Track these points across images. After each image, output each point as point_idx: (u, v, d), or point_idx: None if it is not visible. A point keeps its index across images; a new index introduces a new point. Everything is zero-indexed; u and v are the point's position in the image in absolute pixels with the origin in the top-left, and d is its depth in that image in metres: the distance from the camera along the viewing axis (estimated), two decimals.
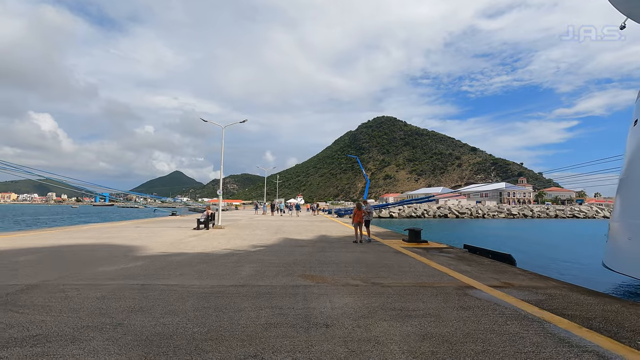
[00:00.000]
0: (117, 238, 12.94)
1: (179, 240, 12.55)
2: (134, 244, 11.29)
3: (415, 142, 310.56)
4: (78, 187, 37.40)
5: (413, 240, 12.43)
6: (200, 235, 14.56)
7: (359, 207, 13.28)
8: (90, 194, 49.50)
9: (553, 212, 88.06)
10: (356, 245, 11.90)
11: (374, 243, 12.52)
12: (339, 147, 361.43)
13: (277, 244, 11.94)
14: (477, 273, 7.22)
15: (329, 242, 12.74)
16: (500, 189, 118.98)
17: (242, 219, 28.55)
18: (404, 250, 10.61)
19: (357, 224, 13.06)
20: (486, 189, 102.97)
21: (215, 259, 8.41)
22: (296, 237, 14.40)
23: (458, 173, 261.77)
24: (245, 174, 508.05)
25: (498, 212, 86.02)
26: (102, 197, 63.64)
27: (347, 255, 9.44)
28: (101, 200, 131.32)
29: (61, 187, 28.65)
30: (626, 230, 12.59)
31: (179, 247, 10.50)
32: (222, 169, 18.82)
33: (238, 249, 10.29)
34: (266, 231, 17.07)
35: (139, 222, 23.97)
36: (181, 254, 9.26)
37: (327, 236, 14.86)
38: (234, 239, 13.30)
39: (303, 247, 10.94)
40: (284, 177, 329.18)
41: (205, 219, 17.51)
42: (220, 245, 11.27)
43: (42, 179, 23.29)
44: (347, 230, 18.42)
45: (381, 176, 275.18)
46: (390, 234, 16.17)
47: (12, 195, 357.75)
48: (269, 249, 10.43)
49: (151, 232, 15.49)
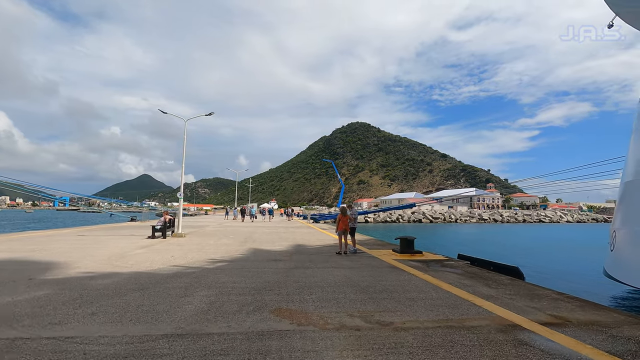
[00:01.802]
0: (42, 251, 10.33)
1: (123, 253, 10.14)
2: (59, 259, 8.81)
3: (389, 148, 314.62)
4: (34, 191, 33.40)
5: (406, 251, 10.69)
6: (153, 245, 12.15)
7: (344, 212, 11.31)
8: (50, 197, 44.98)
9: (521, 217, 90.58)
10: (341, 258, 9.99)
11: (360, 254, 10.67)
12: (313, 152, 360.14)
13: (245, 257, 9.82)
14: (507, 299, 5.50)
15: (308, 253, 10.76)
16: (472, 194, 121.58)
17: (209, 225, 25.97)
18: (400, 264, 8.82)
19: (342, 232, 11.08)
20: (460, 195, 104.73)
21: (158, 283, 6.21)
22: (269, 247, 12.31)
23: (429, 179, 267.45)
24: (217, 178, 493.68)
25: (470, 217, 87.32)
26: (62, 201, 58.87)
27: (333, 273, 7.50)
28: (61, 204, 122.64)
29: (16, 191, 25.18)
30: (632, 238, 11.51)
31: (116, 264, 8.16)
32: (184, 168, 16.43)
33: (194, 265, 8.10)
34: (234, 240, 14.83)
35: (88, 229, 20.93)
36: (114, 274, 6.97)
37: (305, 246, 12.87)
38: (193, 250, 11.02)
39: (277, 262, 8.90)
40: (257, 182, 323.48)
41: (162, 226, 15.04)
42: (172, 259, 9.01)
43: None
44: (326, 238, 16.50)
45: (355, 181, 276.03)
46: (374, 243, 14.41)
47: None
48: (233, 266, 8.30)
49: (93, 243, 12.87)
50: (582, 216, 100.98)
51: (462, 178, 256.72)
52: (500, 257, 15.68)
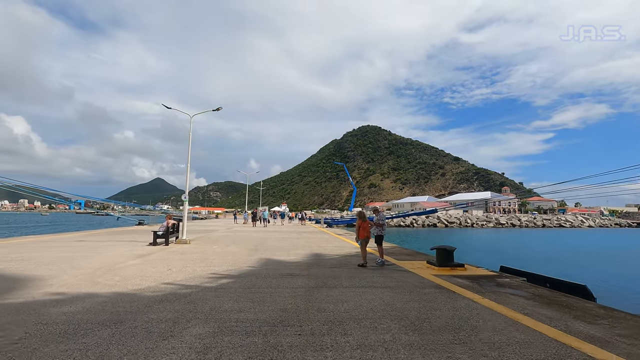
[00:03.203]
0: (22, 262, 8.98)
1: (113, 264, 8.70)
2: (35, 273, 7.41)
3: (400, 152, 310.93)
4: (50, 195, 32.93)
5: (445, 264, 8.99)
6: (151, 255, 10.71)
7: (363, 216, 9.64)
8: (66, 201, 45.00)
9: (540, 221, 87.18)
10: (366, 271, 8.36)
11: (390, 267, 9.02)
12: (324, 156, 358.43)
13: (255, 270, 8.27)
14: (624, 344, 3.82)
15: (329, 266, 9.15)
16: (488, 198, 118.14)
17: (218, 230, 24.59)
18: (445, 282, 7.15)
19: (365, 240, 9.42)
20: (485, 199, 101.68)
21: (139, 312, 4.70)
22: (282, 257, 10.75)
23: (442, 182, 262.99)
24: (228, 181, 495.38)
25: (487, 221, 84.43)
26: (78, 204, 59.75)
27: (366, 296, 5.89)
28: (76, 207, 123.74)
29: (34, 194, 24.76)
30: None
31: (98, 281, 6.71)
32: (189, 168, 15.04)
33: (192, 283, 6.59)
34: (243, 247, 13.32)
35: (91, 233, 19.76)
36: (89, 297, 5.49)
37: (324, 256, 11.27)
38: (195, 261, 9.54)
39: (294, 278, 7.32)
40: (268, 185, 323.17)
41: (164, 232, 13.65)
42: (168, 274, 7.52)
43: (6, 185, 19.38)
44: (345, 245, 14.88)
45: (366, 185, 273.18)
46: (401, 252, 12.71)
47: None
48: (240, 283, 6.76)
49: (87, 250, 11.52)
50: (605, 221, 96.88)
51: (475, 181, 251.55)
52: (543, 268, 13.86)
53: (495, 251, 27.86)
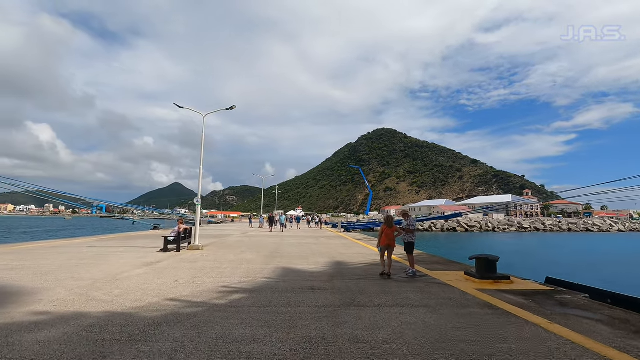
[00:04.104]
0: (21, 270, 8.30)
1: (116, 274, 7.93)
2: (28, 284, 6.68)
3: (416, 154, 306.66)
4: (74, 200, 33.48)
5: (487, 276, 7.83)
6: (159, 262, 9.93)
7: (389, 222, 8.62)
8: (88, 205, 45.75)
9: (566, 225, 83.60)
10: (398, 284, 7.31)
11: (423, 279, 7.94)
12: (338, 159, 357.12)
13: (271, 282, 7.34)
14: None
15: (354, 276, 8.13)
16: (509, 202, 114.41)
17: (232, 235, 23.87)
18: (493, 299, 6.03)
19: (385, 248, 8.47)
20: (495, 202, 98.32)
21: (130, 342, 3.80)
22: (301, 265, 9.80)
23: (459, 185, 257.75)
24: (244, 185, 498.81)
25: (509, 225, 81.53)
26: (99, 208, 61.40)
27: (403, 318, 4.86)
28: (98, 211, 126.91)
29: (56, 199, 25.12)
30: None
31: (94, 295, 5.90)
32: (202, 170, 14.31)
33: (198, 299, 5.70)
34: (258, 254, 12.44)
35: (103, 238, 19.33)
36: (76, 317, 4.66)
37: (346, 265, 10.25)
38: (206, 270, 8.68)
39: (315, 293, 6.35)
40: (283, 189, 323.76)
41: (175, 237, 12.92)
42: (174, 287, 6.67)
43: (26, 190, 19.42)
44: (367, 252, 13.82)
45: (382, 188, 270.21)
46: (430, 260, 11.56)
47: (9, 206, 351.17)
48: (255, 300, 5.83)
49: (93, 258, 10.86)
50: (635, 224, 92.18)
51: (494, 184, 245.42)
52: (586, 278, 12.47)
53: (527, 257, 26.12)
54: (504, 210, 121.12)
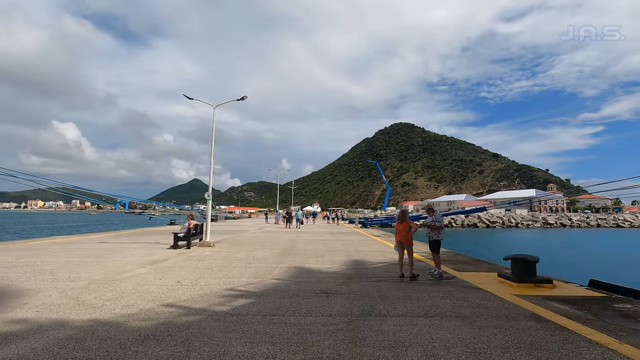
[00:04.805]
0: (22, 267, 7.89)
1: (116, 273, 7.40)
2: (22, 285, 6.20)
3: (434, 149, 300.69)
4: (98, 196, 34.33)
5: (526, 279, 6.89)
6: (166, 260, 9.41)
7: (402, 217, 7.84)
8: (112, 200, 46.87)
9: (594, 221, 79.82)
10: (424, 288, 6.47)
11: (452, 282, 7.07)
12: (355, 155, 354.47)
13: (281, 285, 6.64)
14: None
15: (373, 278, 7.33)
16: (531, 196, 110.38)
17: (247, 231, 23.43)
18: (540, 309, 5.12)
19: (399, 246, 7.79)
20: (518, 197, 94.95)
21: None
22: (315, 265, 9.07)
23: (479, 180, 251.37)
24: (262, 181, 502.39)
25: (533, 221, 78.48)
26: (122, 204, 63.48)
27: (435, 331, 4.05)
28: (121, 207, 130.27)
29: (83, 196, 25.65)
30: None
31: (84, 298, 5.33)
32: (213, 161, 13.74)
33: (197, 305, 5.05)
34: (271, 251, 11.80)
35: (117, 234, 19.18)
36: (56, 326, 4.06)
37: (365, 264, 9.45)
38: (213, 270, 8.07)
39: (330, 298, 5.60)
40: (299, 184, 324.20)
41: (185, 233, 12.42)
42: (175, 288, 6.05)
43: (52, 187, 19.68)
44: (384, 249, 12.98)
45: (399, 183, 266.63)
46: (455, 259, 10.62)
47: (39, 202, 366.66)
48: (261, 306, 5.12)
49: (100, 255, 10.45)
50: None
51: (516, 179, 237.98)
52: (634, 280, 11.27)
53: (557, 256, 24.56)
54: (527, 205, 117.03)
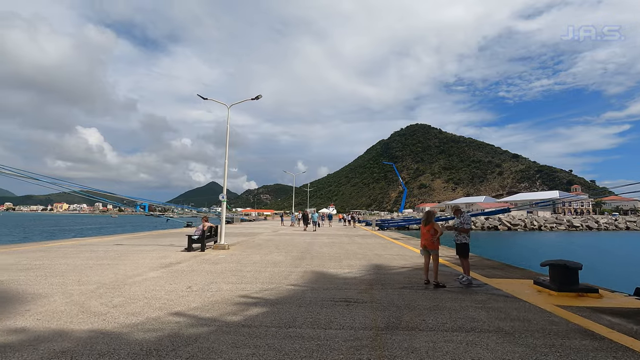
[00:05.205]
0: (35, 270, 7.73)
1: (127, 277, 7.13)
2: (29, 289, 5.97)
3: (451, 150, 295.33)
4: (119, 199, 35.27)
5: (566, 288, 6.22)
6: (178, 264, 9.12)
7: (425, 219, 7.24)
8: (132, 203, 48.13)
9: (623, 224, 76.28)
10: (453, 296, 5.90)
11: (480, 289, 6.47)
12: (371, 157, 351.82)
13: (298, 291, 6.19)
14: None
15: (396, 285, 6.80)
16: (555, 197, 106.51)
17: (262, 233, 23.15)
18: (592, 323, 4.50)
19: (424, 250, 7.23)
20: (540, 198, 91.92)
21: None
22: (333, 269, 8.59)
23: (499, 181, 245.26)
24: (277, 184, 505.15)
25: (557, 223, 75.58)
26: (142, 207, 65.35)
27: (474, 350, 3.52)
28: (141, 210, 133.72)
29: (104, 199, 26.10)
30: None
31: (89, 305, 5.02)
32: (227, 159, 13.51)
33: (206, 315, 4.66)
34: (287, 255, 11.39)
35: (133, 236, 19.20)
36: (53, 337, 3.73)
37: (385, 268, 8.91)
38: (225, 274, 7.71)
39: (351, 308, 5.11)
40: (315, 187, 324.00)
41: (200, 236, 12.17)
42: (184, 296, 5.69)
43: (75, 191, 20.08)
44: (405, 252, 12.37)
45: (416, 185, 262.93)
46: (483, 263, 9.94)
47: (64, 205, 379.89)
48: (274, 316, 4.69)
49: (114, 257, 10.28)
50: None
51: (537, 180, 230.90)
52: None
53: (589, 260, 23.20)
54: (550, 207, 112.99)
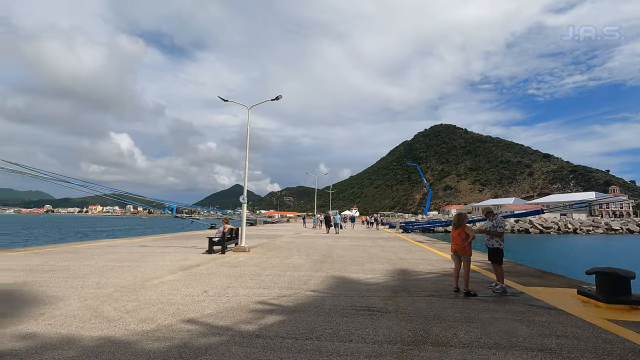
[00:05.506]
0: (57, 272, 7.80)
1: (145, 280, 7.04)
2: (49, 291, 5.95)
3: (478, 150, 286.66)
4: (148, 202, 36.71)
5: (616, 299, 5.55)
6: (198, 266, 9.00)
7: (456, 222, 6.67)
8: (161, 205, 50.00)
9: None
10: (481, 305, 5.39)
11: (516, 298, 5.90)
12: (394, 158, 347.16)
13: (316, 298, 5.86)
14: None
15: (424, 292, 6.33)
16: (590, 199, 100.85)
17: (284, 235, 23.01)
18: None
19: (454, 255, 6.68)
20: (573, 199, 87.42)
21: None
22: (356, 274, 8.20)
23: (529, 183, 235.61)
24: (300, 186, 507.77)
25: (594, 226, 71.52)
26: (170, 209, 67.81)
27: None
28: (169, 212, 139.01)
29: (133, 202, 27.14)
30: None
31: (103, 310, 4.89)
32: (247, 161, 13.40)
33: (219, 323, 4.40)
34: (307, 258, 11.10)
35: (158, 237, 19.52)
36: (61, 345, 3.57)
37: (409, 273, 8.43)
38: (244, 278, 7.49)
39: (374, 318, 4.73)
40: (337, 189, 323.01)
41: (220, 238, 12.08)
42: (200, 301, 5.48)
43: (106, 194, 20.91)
44: (431, 257, 11.78)
45: (441, 187, 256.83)
46: (514, 268, 9.25)
47: (98, 207, 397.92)
48: (291, 325, 4.38)
49: (136, 259, 10.33)
50: None
51: (571, 181, 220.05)
52: None
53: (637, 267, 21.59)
54: (586, 209, 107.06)
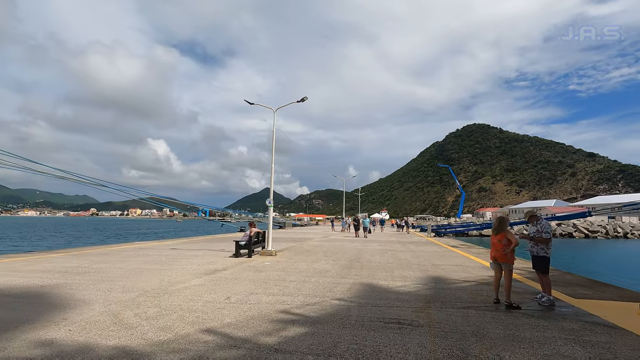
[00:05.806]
0: (86, 275, 7.95)
1: (169, 284, 6.98)
2: (76, 294, 6.00)
3: (514, 150, 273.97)
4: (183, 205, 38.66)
5: None
6: (223, 271, 8.90)
7: (497, 227, 5.99)
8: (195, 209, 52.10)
9: None
10: (525, 320, 4.80)
11: (567, 312, 5.24)
12: (425, 159, 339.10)
13: (342, 308, 5.50)
14: None
15: (457, 302, 5.80)
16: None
17: (312, 239, 22.77)
18: None
19: (494, 263, 5.97)
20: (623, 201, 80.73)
21: None
22: (385, 281, 7.76)
23: (572, 183, 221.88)
24: (329, 189, 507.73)
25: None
26: (204, 212, 70.59)
27: None
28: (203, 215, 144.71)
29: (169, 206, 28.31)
30: None
31: (124, 316, 4.80)
32: (274, 161, 13.26)
33: (238, 334, 4.15)
34: (334, 263, 10.75)
35: (189, 240, 19.90)
36: (77, 353, 3.47)
37: (443, 281, 7.87)
38: (268, 283, 7.26)
39: (405, 333, 4.30)
40: (366, 192, 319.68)
41: (247, 242, 12.00)
42: (221, 308, 5.29)
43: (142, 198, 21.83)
44: (466, 263, 11.06)
45: (474, 189, 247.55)
46: (560, 277, 8.42)
47: (138, 210, 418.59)
48: (313, 339, 4.04)
49: (163, 262, 10.43)
50: None
51: (620, 181, 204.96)
52: None
53: None
54: (638, 212, 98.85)
